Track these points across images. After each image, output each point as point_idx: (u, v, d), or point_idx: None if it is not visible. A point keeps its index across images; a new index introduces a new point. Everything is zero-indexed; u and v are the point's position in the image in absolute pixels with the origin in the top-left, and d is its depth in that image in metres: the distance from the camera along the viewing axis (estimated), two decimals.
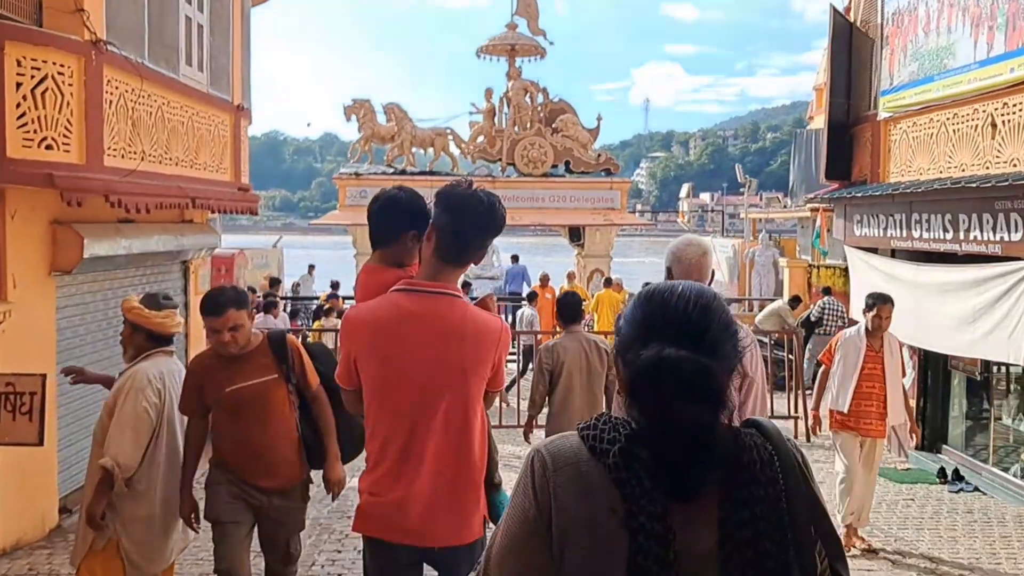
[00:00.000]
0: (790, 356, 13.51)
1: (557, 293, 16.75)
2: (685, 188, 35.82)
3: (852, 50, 10.57)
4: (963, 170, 7.72)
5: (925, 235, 8.13)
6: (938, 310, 7.95)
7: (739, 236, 29.30)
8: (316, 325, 12.16)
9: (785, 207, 25.92)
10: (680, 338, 1.46)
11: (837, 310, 14.56)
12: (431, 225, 2.81)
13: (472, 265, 3.10)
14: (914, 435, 6.79)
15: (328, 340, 11.42)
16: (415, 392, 2.74)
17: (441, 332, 2.75)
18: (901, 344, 6.65)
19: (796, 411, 11.33)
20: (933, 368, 9.31)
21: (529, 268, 21.59)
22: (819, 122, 25.49)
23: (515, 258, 22.74)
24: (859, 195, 8.92)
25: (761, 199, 44.06)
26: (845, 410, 6.45)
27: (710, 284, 3.79)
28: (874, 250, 9.50)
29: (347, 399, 2.99)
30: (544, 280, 16.85)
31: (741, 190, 24.17)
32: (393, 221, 3.16)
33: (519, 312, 15.01)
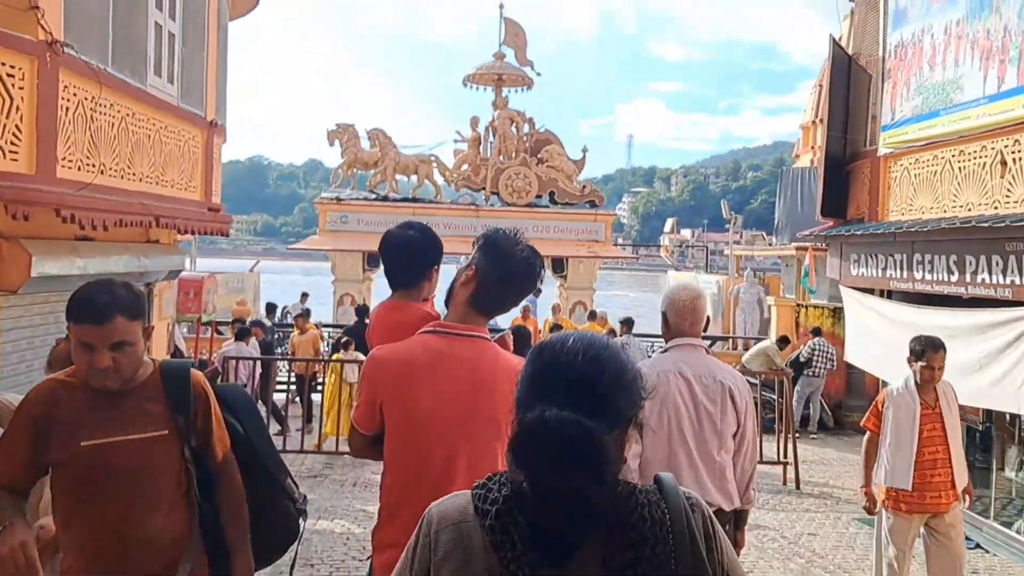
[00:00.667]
0: (778, 398, 13.16)
1: (540, 325, 16.37)
2: (669, 223, 35.56)
3: (850, 84, 10.30)
4: (969, 209, 7.38)
5: (928, 276, 7.77)
6: None
7: (722, 272, 29.04)
8: (335, 357, 11.70)
9: (770, 244, 25.67)
10: (567, 396, 1.42)
11: (827, 352, 14.22)
12: (473, 269, 2.72)
13: None
14: (968, 496, 5.56)
15: (350, 373, 10.94)
16: (445, 437, 2.63)
17: (473, 378, 2.66)
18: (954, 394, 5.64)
19: (785, 456, 10.91)
20: None
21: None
22: (805, 160, 25.42)
23: (537, 291, 22.31)
24: (858, 233, 8.57)
25: (741, 237, 44.02)
26: (909, 487, 5.27)
27: (705, 328, 3.84)
28: (871, 291, 9.15)
29: (357, 443, 2.84)
30: (525, 312, 16.41)
31: (726, 226, 23.88)
32: (417, 261, 3.04)
33: None
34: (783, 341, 15.47)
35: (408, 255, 3.03)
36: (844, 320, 16.42)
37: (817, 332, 14.72)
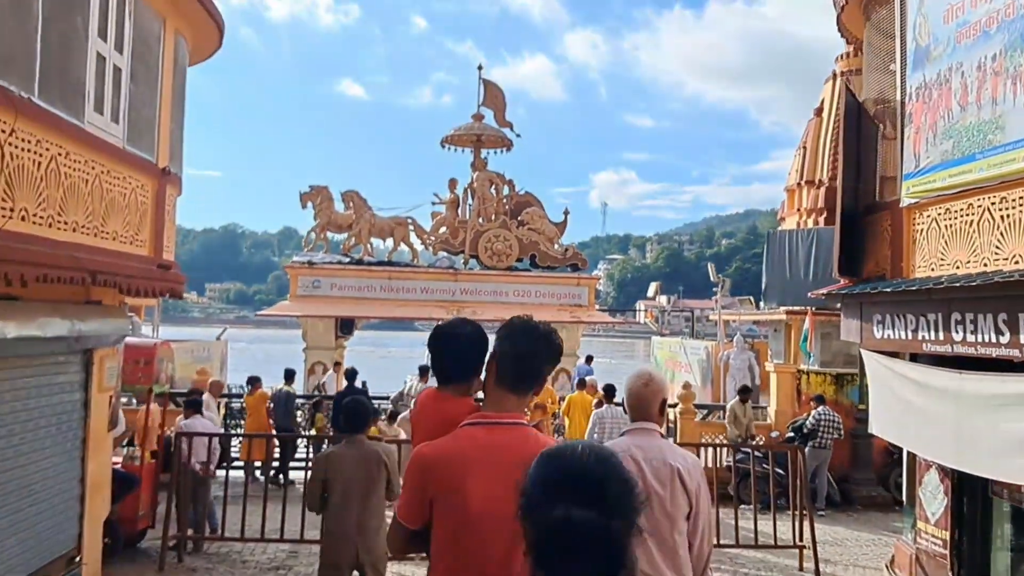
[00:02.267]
0: (778, 470, 12.21)
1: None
2: (653, 287, 34.96)
3: (860, 136, 9.58)
4: (1017, 262, 6.56)
5: (970, 338, 6.90)
6: (987, 428, 6.65)
7: (708, 338, 28.23)
8: (374, 432, 10.70)
9: (759, 309, 24.91)
10: (583, 498, 1.51)
11: (833, 421, 13.32)
12: (492, 356, 2.91)
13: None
14: None
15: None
16: (502, 532, 2.57)
17: (518, 466, 2.42)
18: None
19: (801, 539, 9.90)
20: (970, 494, 8.00)
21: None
22: (791, 223, 24.84)
23: (589, 359, 21.23)
24: (886, 291, 7.70)
25: (728, 301, 43.34)
26: None
27: (660, 412, 3.96)
28: (895, 354, 8.28)
29: (401, 538, 2.86)
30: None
31: (713, 289, 23.12)
32: (469, 356, 3.12)
33: None
34: (744, 391, 14.72)
35: (465, 350, 3.10)
36: (847, 387, 15.74)
37: (820, 400, 13.85)
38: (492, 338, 3.05)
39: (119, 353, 8.15)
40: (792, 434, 13.67)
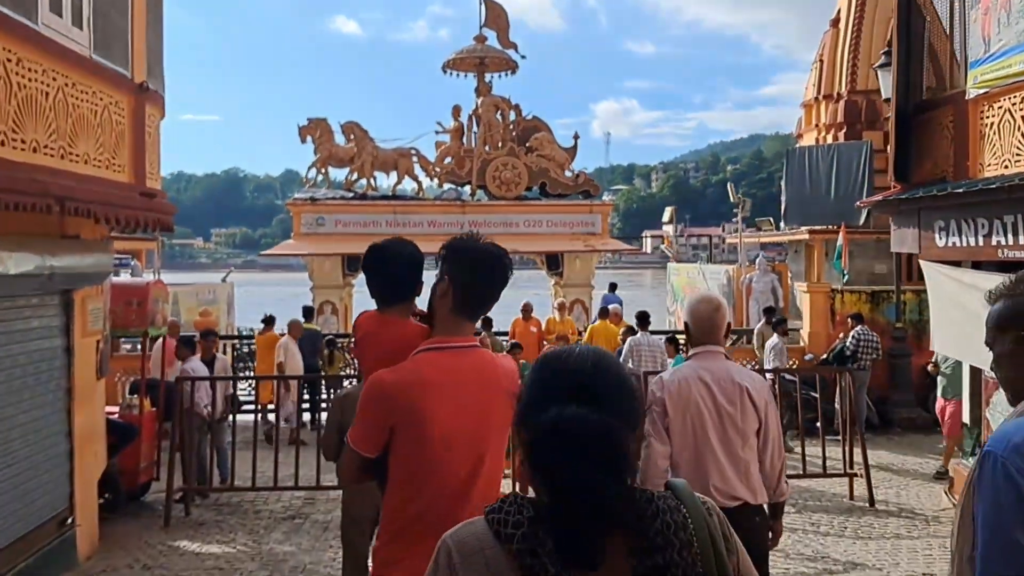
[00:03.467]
0: (813, 394, 11.52)
1: (544, 325, 14.64)
2: (668, 212, 33.93)
3: (910, 28, 8.64)
4: None
5: None
6: None
7: (725, 263, 27.46)
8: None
9: (778, 230, 24.06)
10: (579, 397, 1.48)
11: (872, 341, 12.57)
12: (447, 280, 2.76)
13: None
14: None
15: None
16: (466, 454, 2.64)
17: (483, 388, 2.70)
18: None
19: (851, 467, 9.24)
20: None
21: (498, 304, 18.77)
22: (809, 140, 23.85)
23: (613, 286, 20.35)
24: (958, 191, 6.86)
25: (738, 222, 42.45)
26: None
27: (726, 336, 4.11)
28: (958, 264, 7.49)
29: (354, 466, 2.76)
30: (527, 311, 14.63)
31: (734, 210, 22.24)
32: (409, 275, 3.07)
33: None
34: (768, 312, 14.01)
35: (409, 269, 3.07)
36: (883, 305, 14.98)
37: (859, 319, 13.05)
38: None
39: (105, 294, 7.41)
40: (826, 357, 12.93)
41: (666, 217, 34.91)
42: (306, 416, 13.00)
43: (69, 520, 6.64)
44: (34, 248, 5.65)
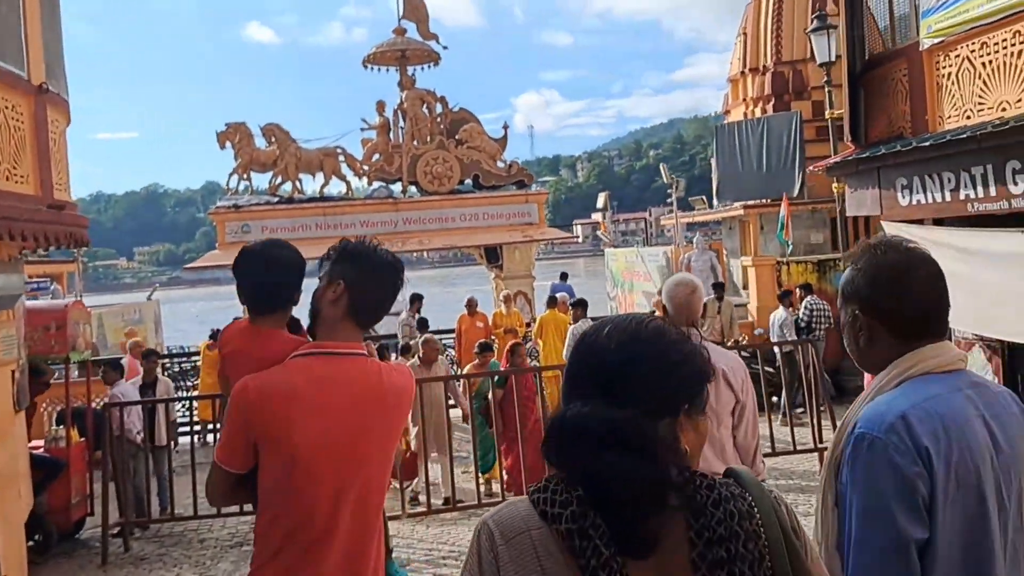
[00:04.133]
0: (769, 369, 11.31)
1: (491, 320, 14.16)
2: (602, 197, 33.65)
3: None
4: None
5: None
6: None
7: (661, 244, 27.33)
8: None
9: (712, 208, 23.99)
10: (599, 388, 1.40)
11: (824, 311, 12.40)
12: (340, 284, 2.59)
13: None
14: None
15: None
16: (336, 468, 2.45)
17: (362, 398, 2.52)
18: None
19: (821, 441, 8.99)
20: None
21: (430, 302, 18.08)
22: (737, 115, 23.80)
23: (563, 276, 19.74)
24: (924, 144, 6.57)
25: (673, 203, 42.52)
26: None
27: (703, 318, 4.64)
28: (920, 223, 7.26)
29: (223, 485, 2.55)
30: (471, 306, 14.13)
31: (668, 191, 22.06)
32: (288, 281, 2.86)
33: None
34: (717, 287, 13.81)
35: (279, 274, 2.86)
36: (829, 274, 14.87)
37: (808, 289, 12.89)
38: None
39: (18, 319, 6.72)
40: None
41: (600, 203, 34.61)
42: None
43: None
44: None
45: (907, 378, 1.94)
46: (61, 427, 8.82)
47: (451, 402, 9.78)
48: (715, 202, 23.78)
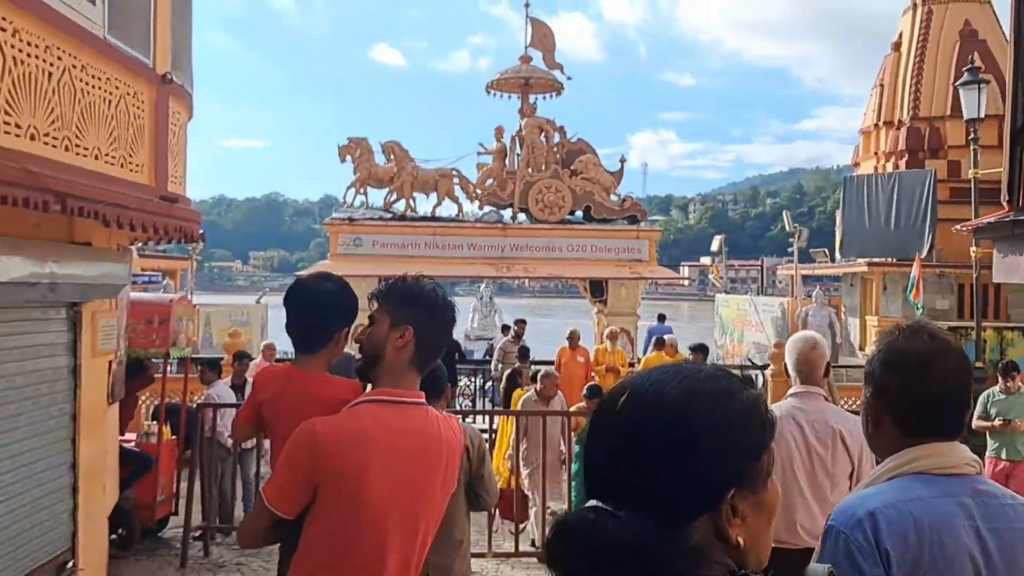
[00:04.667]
0: None
1: (592, 356, 13.72)
2: (717, 241, 32.85)
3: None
4: None
5: None
6: None
7: (777, 295, 26.38)
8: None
9: (832, 261, 23.00)
10: (606, 483, 1.13)
11: None
12: (409, 330, 2.48)
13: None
14: None
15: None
16: (399, 524, 2.34)
17: (425, 450, 2.41)
18: None
19: None
20: None
21: (531, 332, 17.66)
22: (867, 168, 22.83)
23: (662, 317, 19.41)
24: None
25: (794, 253, 41.18)
26: None
27: (825, 376, 4.09)
28: None
29: (262, 525, 2.42)
30: (574, 339, 13.70)
31: (789, 240, 21.25)
32: (330, 318, 2.82)
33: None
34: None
35: (322, 309, 2.80)
36: (961, 342, 13.88)
37: None
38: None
39: (121, 310, 6.67)
40: None
41: (715, 246, 33.76)
42: None
43: (70, 564, 5.84)
44: (31, 252, 4.91)
45: (899, 474, 1.84)
46: (154, 422, 8.80)
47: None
48: (837, 256, 22.86)
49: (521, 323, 14.42)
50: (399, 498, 2.35)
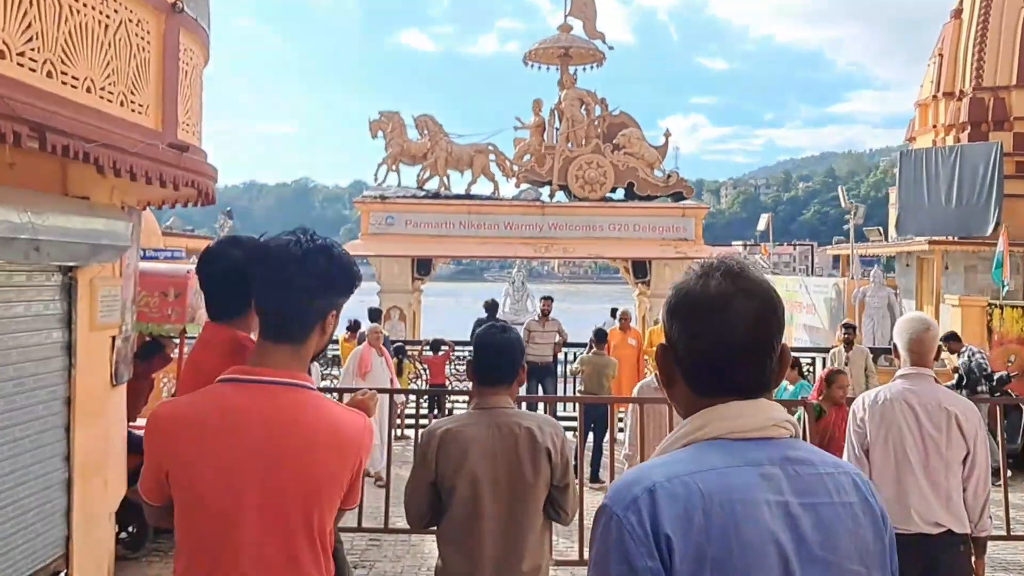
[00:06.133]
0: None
1: (647, 338, 12.76)
2: (764, 220, 31.66)
3: None
4: None
5: None
6: None
7: (825, 276, 25.22)
8: None
9: (886, 240, 21.83)
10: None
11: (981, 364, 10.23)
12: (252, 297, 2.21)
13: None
14: None
15: None
16: (242, 508, 2.04)
17: (282, 436, 2.05)
18: None
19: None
20: None
21: (564, 316, 16.66)
22: (924, 142, 21.60)
23: None
24: None
25: (794, 247, 39.88)
26: None
27: (936, 357, 4.18)
28: None
29: (150, 514, 2.26)
30: (625, 320, 12.72)
31: (845, 216, 20.13)
32: (234, 287, 2.44)
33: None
34: (951, 339, 11.24)
35: (226, 279, 2.55)
36: None
37: (953, 338, 10.72)
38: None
39: (127, 278, 5.80)
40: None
41: (761, 225, 32.61)
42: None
43: (63, 575, 5.00)
44: (6, 200, 4.02)
45: (692, 441, 1.48)
46: None
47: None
48: (892, 235, 21.66)
49: (547, 300, 13.48)
50: (235, 485, 2.04)
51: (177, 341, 7.79)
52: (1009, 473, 9.09)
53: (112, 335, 5.57)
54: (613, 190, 20.24)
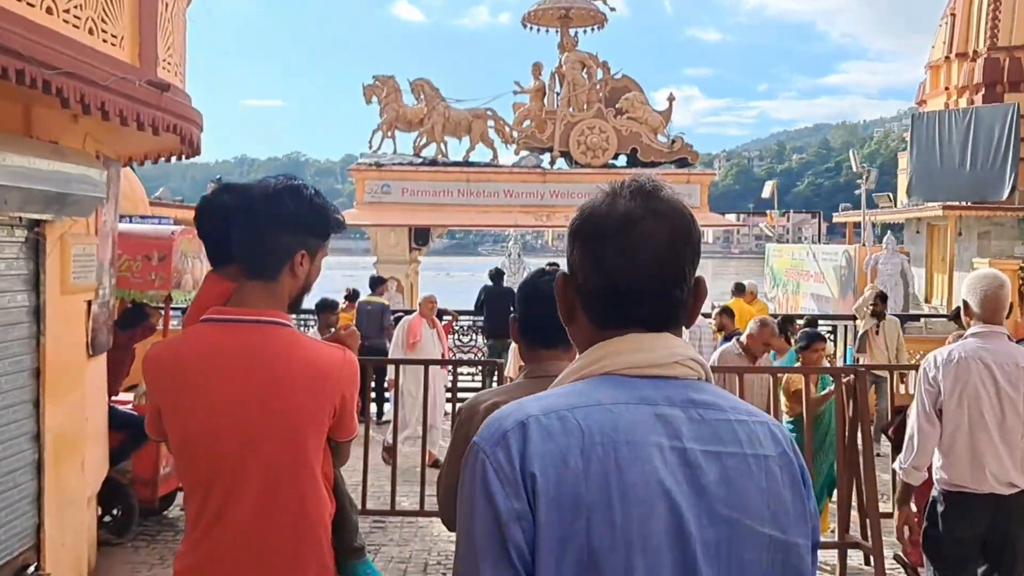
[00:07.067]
0: None
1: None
2: (769, 187, 31.10)
3: None
4: None
5: None
6: None
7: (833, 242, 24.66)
8: None
9: (902, 206, 21.26)
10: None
11: None
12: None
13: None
14: None
15: None
16: (229, 447, 2.09)
17: (260, 372, 2.10)
18: None
19: None
20: None
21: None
22: (935, 105, 21.01)
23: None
24: None
25: (788, 218, 39.34)
26: None
27: (1008, 315, 4.02)
28: None
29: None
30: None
31: (857, 182, 19.55)
32: (227, 232, 2.37)
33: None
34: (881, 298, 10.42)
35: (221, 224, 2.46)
36: None
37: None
38: None
39: (104, 236, 5.21)
40: None
41: (766, 192, 32.01)
42: (372, 407, 10.77)
43: (32, 568, 4.43)
44: None
45: (584, 376, 1.31)
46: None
47: None
48: (902, 200, 21.12)
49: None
50: (225, 419, 2.08)
51: (162, 309, 7.20)
52: None
53: (87, 299, 4.98)
54: (616, 156, 19.62)
